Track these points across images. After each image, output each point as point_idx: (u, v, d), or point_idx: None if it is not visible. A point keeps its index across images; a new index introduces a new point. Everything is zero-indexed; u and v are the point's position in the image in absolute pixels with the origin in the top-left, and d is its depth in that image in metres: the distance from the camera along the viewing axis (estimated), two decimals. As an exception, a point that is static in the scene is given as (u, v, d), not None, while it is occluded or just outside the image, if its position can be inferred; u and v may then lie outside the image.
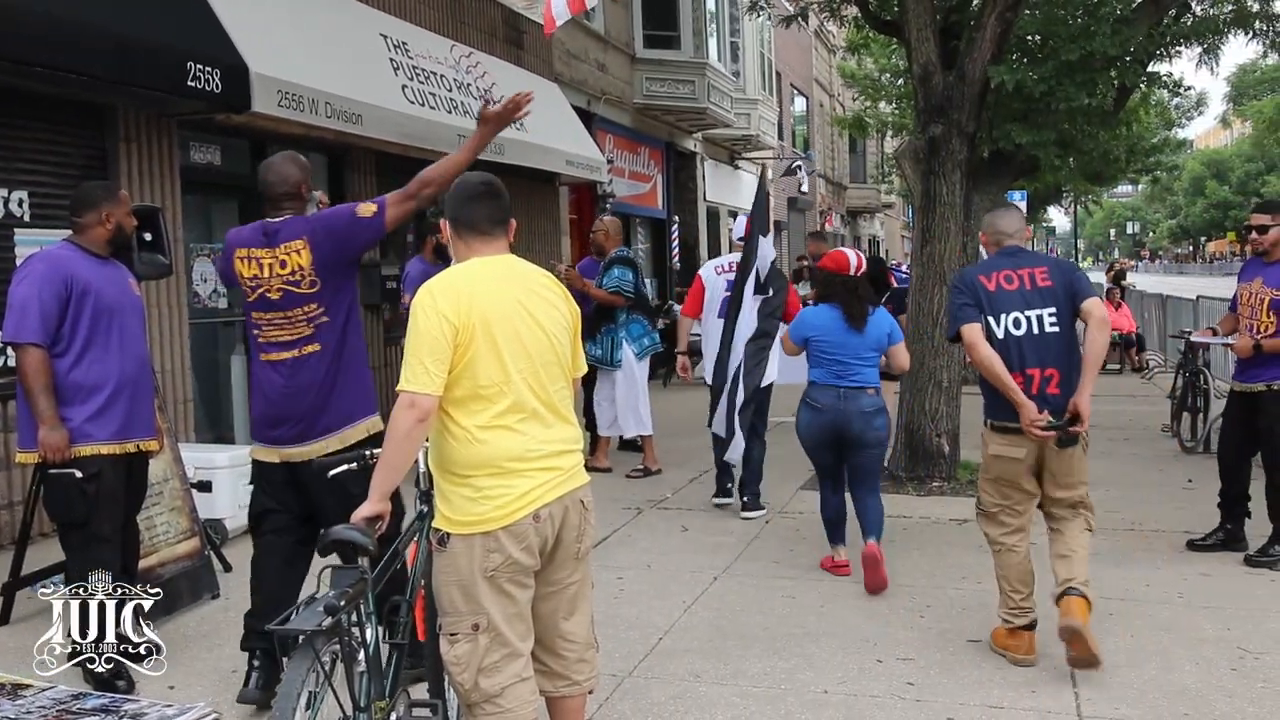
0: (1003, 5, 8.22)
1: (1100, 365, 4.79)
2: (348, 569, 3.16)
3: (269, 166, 4.43)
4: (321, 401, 4.28)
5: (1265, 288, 6.29)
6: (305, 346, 4.27)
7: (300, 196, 4.38)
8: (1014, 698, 4.41)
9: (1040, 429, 4.61)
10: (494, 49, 13.11)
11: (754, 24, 22.39)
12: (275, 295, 4.25)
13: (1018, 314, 4.75)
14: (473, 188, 3.37)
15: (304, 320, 4.25)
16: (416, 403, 3.08)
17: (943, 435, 8.54)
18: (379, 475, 3.16)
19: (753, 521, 7.40)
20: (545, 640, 3.39)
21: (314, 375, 4.27)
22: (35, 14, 6.31)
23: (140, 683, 4.65)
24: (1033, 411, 4.61)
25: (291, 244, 4.22)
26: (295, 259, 4.21)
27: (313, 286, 4.23)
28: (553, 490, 3.22)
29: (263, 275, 4.25)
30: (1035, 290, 4.78)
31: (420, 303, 3.15)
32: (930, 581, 5.99)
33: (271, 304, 4.26)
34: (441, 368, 3.10)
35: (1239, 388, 6.49)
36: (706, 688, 4.55)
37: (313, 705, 2.95)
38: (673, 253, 20.50)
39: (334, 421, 4.31)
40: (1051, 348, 4.73)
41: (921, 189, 8.73)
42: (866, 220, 44.75)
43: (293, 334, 4.27)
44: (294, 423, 4.29)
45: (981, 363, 4.75)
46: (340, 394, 4.31)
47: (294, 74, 8.37)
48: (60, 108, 7.30)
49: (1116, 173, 21.00)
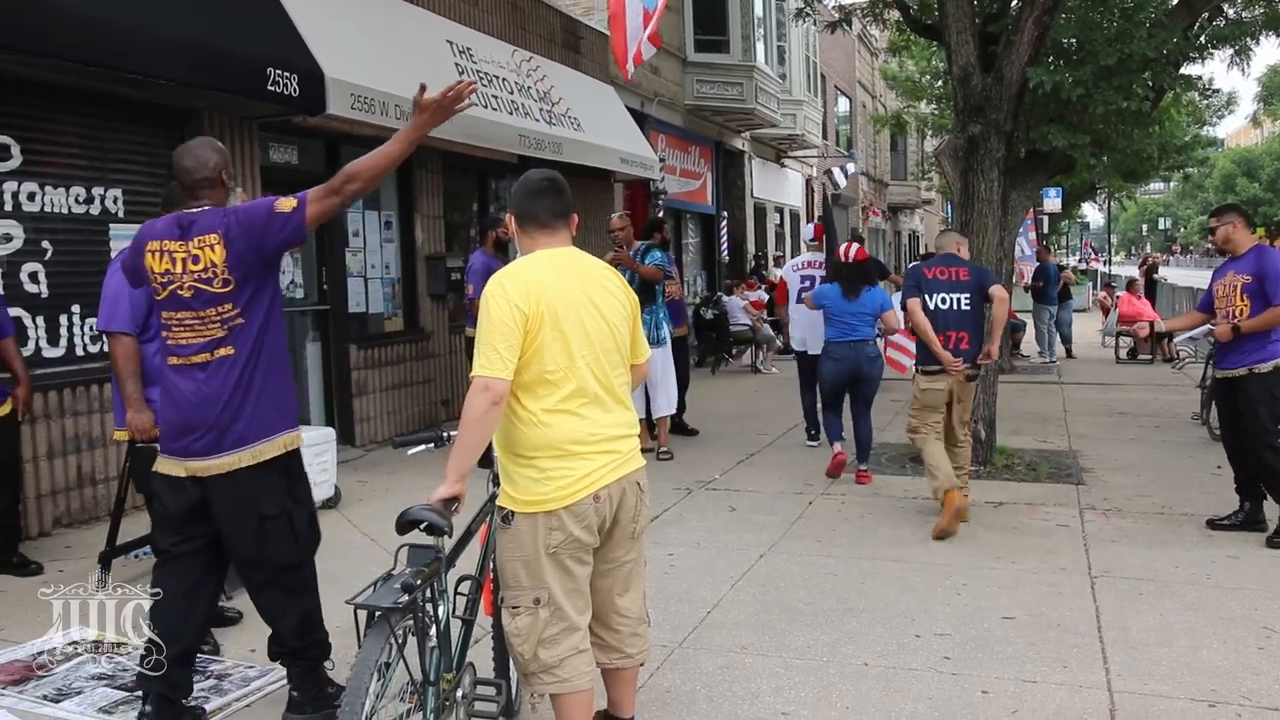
0: (1040, 9, 8.11)
1: (1003, 328, 6.93)
2: (423, 548, 3.17)
3: (185, 150, 3.88)
4: (234, 410, 3.65)
5: (1236, 276, 6.44)
6: (218, 349, 3.66)
7: (221, 184, 3.86)
8: (1046, 672, 4.36)
9: (960, 369, 6.74)
10: (553, 54, 13.13)
11: (800, 29, 22.22)
12: (187, 293, 3.65)
13: (943, 295, 6.84)
14: (535, 183, 3.37)
15: (217, 321, 3.64)
16: (490, 386, 3.08)
17: (979, 421, 8.45)
18: (455, 457, 3.15)
19: (797, 502, 7.38)
20: (601, 615, 3.41)
21: (226, 381, 3.65)
22: (128, 25, 6.41)
23: (225, 645, 4.73)
24: (949, 358, 6.71)
25: (206, 238, 3.63)
26: (208, 254, 3.62)
27: (226, 285, 3.62)
28: (612, 472, 3.23)
29: (174, 271, 3.65)
30: (957, 282, 6.89)
31: (492, 293, 3.15)
32: (967, 561, 5.94)
33: (183, 302, 3.66)
34: (513, 353, 3.10)
35: (1222, 374, 6.55)
36: (752, 659, 4.55)
37: (384, 675, 2.98)
38: (721, 247, 20.45)
39: (249, 433, 3.67)
40: (964, 320, 6.83)
41: (960, 186, 8.64)
42: (907, 215, 44.37)
43: (205, 336, 3.66)
44: (203, 432, 3.65)
45: (918, 325, 6.80)
46: (256, 403, 3.68)
47: (366, 78, 8.43)
48: (151, 111, 7.41)
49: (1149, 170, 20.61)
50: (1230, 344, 6.40)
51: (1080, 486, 7.79)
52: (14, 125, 6.57)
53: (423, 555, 3.15)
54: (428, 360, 10.72)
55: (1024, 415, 10.99)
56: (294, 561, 3.82)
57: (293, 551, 3.81)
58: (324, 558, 6.16)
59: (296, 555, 3.83)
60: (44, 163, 6.77)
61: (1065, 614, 5.04)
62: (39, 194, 6.72)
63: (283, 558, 3.78)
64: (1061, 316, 17.87)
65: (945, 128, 20.24)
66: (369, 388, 9.85)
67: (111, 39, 6.30)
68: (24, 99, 6.61)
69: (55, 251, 6.80)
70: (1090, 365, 16.95)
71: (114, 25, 6.31)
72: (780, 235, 25.97)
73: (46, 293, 6.75)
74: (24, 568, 5.85)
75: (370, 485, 8.08)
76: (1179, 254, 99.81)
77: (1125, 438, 9.90)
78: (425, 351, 10.69)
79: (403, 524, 3.06)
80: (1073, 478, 8.08)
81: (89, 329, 6.97)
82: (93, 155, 7.08)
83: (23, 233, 6.62)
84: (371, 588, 2.99)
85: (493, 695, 3.61)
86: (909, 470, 8.40)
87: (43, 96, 6.70)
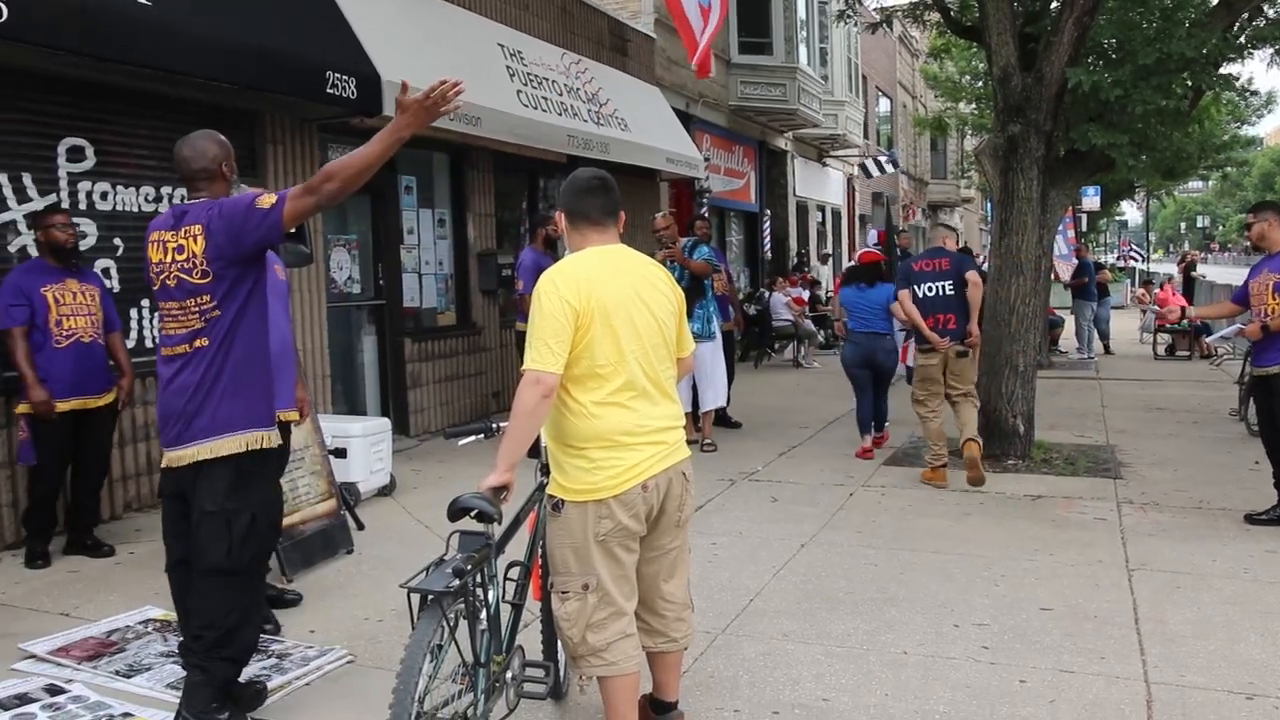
0: (1080, 10, 7.99)
1: (979, 310, 7.80)
2: (474, 534, 3.20)
3: (184, 141, 3.78)
4: (199, 402, 3.59)
5: (1270, 274, 6.36)
6: (196, 340, 3.60)
7: (220, 176, 3.76)
8: (1083, 663, 4.31)
9: (946, 346, 7.53)
10: (601, 56, 13.14)
11: (842, 30, 22.08)
12: (172, 283, 3.61)
13: (929, 284, 7.63)
14: (586, 182, 3.37)
15: (196, 312, 3.59)
16: (541, 380, 3.09)
17: (1018, 416, 8.37)
18: (505, 447, 3.16)
19: (838, 494, 7.35)
20: (647, 600, 3.42)
21: (196, 373, 3.59)
22: (195, 31, 6.50)
23: (285, 625, 4.80)
24: (935, 338, 7.55)
25: (191, 228, 3.58)
26: (191, 245, 3.56)
27: (204, 277, 3.55)
28: (660, 463, 3.24)
29: (165, 260, 3.62)
30: (940, 271, 7.65)
31: (544, 289, 3.17)
32: (1004, 553, 5.88)
33: (169, 292, 3.63)
34: (564, 348, 3.11)
35: (1258, 372, 6.48)
36: (794, 646, 4.54)
37: (436, 658, 3.01)
38: (764, 244, 20.38)
39: (211, 426, 3.59)
40: (949, 304, 7.59)
41: (1000, 185, 8.54)
42: (947, 214, 43.90)
43: (186, 326, 3.61)
44: (174, 421, 3.63)
45: (908, 313, 7.67)
46: (222, 398, 3.60)
47: (421, 80, 8.33)
48: (214, 113, 7.50)
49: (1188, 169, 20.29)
50: (1264, 342, 6.31)
51: (1118, 481, 7.68)
52: (88, 128, 6.69)
53: (473, 541, 3.18)
54: (479, 354, 10.78)
55: (1062, 410, 10.86)
56: (220, 565, 3.61)
57: (221, 554, 3.60)
58: (380, 543, 6.28)
59: (225, 559, 3.61)
60: (115, 163, 6.88)
61: (1103, 606, 4.98)
62: (111, 193, 6.84)
63: (209, 557, 3.61)
64: (1099, 313, 17.64)
65: (985, 127, 20.03)
66: (423, 380, 9.93)
67: (180, 45, 6.39)
68: (98, 103, 6.72)
69: (126, 248, 6.92)
70: (1128, 361, 16.71)
71: (182, 31, 6.40)
72: (822, 233, 25.83)
73: (118, 287, 6.86)
74: (97, 549, 6.00)
75: (424, 474, 8.15)
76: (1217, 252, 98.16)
77: (1163, 433, 9.76)
78: (477, 345, 10.75)
79: (454, 511, 3.09)
80: (1110, 472, 7.98)
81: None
82: (161, 156, 7.18)
83: (96, 230, 6.75)
84: (424, 572, 3.02)
85: (541, 677, 3.63)
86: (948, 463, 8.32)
87: (115, 100, 6.81)
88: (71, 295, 5.81)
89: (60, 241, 5.77)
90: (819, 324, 18.08)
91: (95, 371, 5.92)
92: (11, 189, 6.23)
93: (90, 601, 5.10)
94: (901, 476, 7.91)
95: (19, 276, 5.72)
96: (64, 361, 5.74)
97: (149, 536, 6.31)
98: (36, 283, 5.69)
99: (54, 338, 5.70)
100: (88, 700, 3.97)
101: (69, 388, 5.76)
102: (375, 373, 9.68)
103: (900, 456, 8.67)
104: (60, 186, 6.52)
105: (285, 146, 8.16)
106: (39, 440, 5.73)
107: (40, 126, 6.42)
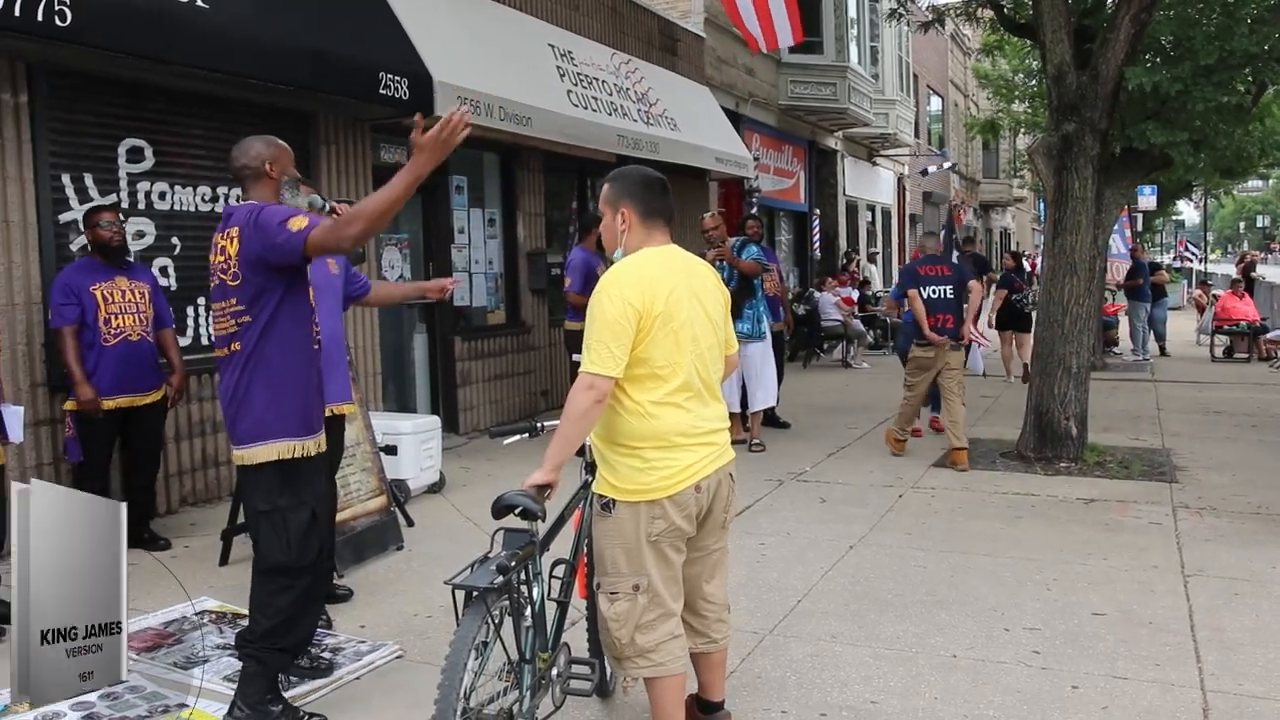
0: (1138, 7, 7.85)
1: (976, 312, 9.51)
2: (518, 532, 3.21)
3: (237, 144, 3.79)
4: (235, 407, 3.62)
5: None
6: (231, 344, 3.62)
7: (265, 175, 3.72)
8: (1138, 670, 4.24)
9: (944, 343, 8.37)
10: (650, 56, 13.14)
11: (893, 29, 21.90)
12: (213, 283, 3.66)
13: (933, 287, 8.50)
14: (656, 181, 3.38)
15: (228, 315, 3.61)
16: (596, 385, 3.08)
17: (1071, 418, 8.25)
18: (554, 448, 3.16)
19: (887, 495, 7.28)
20: (689, 601, 3.41)
21: (230, 378, 3.63)
22: (251, 34, 6.60)
23: (337, 620, 4.84)
24: (934, 336, 8.38)
25: (231, 230, 3.59)
26: (229, 247, 3.58)
27: (235, 280, 3.56)
28: (711, 464, 3.24)
29: (213, 261, 3.66)
30: (942, 277, 8.57)
31: (607, 291, 3.15)
32: (1057, 556, 5.79)
33: (213, 293, 3.68)
34: (624, 351, 3.10)
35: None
36: (842, 648, 4.50)
37: (481, 654, 3.01)
38: (814, 244, 20.27)
39: (246, 432, 3.62)
40: (949, 306, 8.49)
41: (1054, 184, 8.41)
42: (999, 213, 43.43)
43: (222, 329, 3.65)
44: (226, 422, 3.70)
45: (915, 311, 8.47)
46: (249, 405, 3.60)
47: (472, 81, 8.54)
48: (270, 114, 7.60)
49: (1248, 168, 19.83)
50: None
51: (1174, 485, 7.54)
52: (147, 129, 6.80)
53: (517, 539, 3.19)
54: (528, 352, 10.82)
55: (1116, 413, 10.69)
56: (280, 562, 3.65)
57: (281, 551, 3.65)
58: (429, 539, 6.31)
59: (285, 556, 3.65)
60: (173, 163, 6.99)
61: (1157, 612, 4.89)
62: (169, 193, 6.95)
63: (271, 556, 3.66)
64: (1155, 314, 17.34)
65: (1038, 126, 19.76)
66: (472, 378, 9.98)
67: (238, 47, 6.49)
68: (156, 104, 6.83)
69: (183, 247, 7.03)
70: (1185, 363, 16.41)
71: (238, 34, 6.50)
72: (871, 233, 25.65)
73: (175, 286, 6.98)
74: (154, 543, 6.09)
75: (473, 471, 8.19)
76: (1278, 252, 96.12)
77: (1220, 436, 9.56)
78: (526, 344, 10.80)
79: (498, 509, 3.10)
80: (1166, 476, 7.83)
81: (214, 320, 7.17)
82: (217, 156, 7.28)
83: (154, 229, 6.86)
84: (469, 569, 3.03)
85: (587, 674, 3.63)
86: (999, 465, 8.23)
87: (172, 101, 6.92)
88: (120, 293, 5.87)
89: (106, 240, 5.83)
90: (868, 324, 17.95)
91: (143, 369, 5.99)
92: (73, 189, 6.35)
93: (148, 594, 5.18)
94: (951, 479, 7.83)
95: (69, 275, 5.79)
96: (112, 359, 5.81)
97: (204, 530, 6.41)
98: (86, 281, 5.76)
99: (102, 336, 5.77)
100: (145, 690, 4.03)
101: (117, 385, 5.83)
102: (425, 371, 9.76)
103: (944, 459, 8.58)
104: (120, 186, 6.64)
105: (338, 147, 8.25)
106: (85, 437, 5.82)
107: (102, 128, 6.54)
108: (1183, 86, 8.09)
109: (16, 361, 5.94)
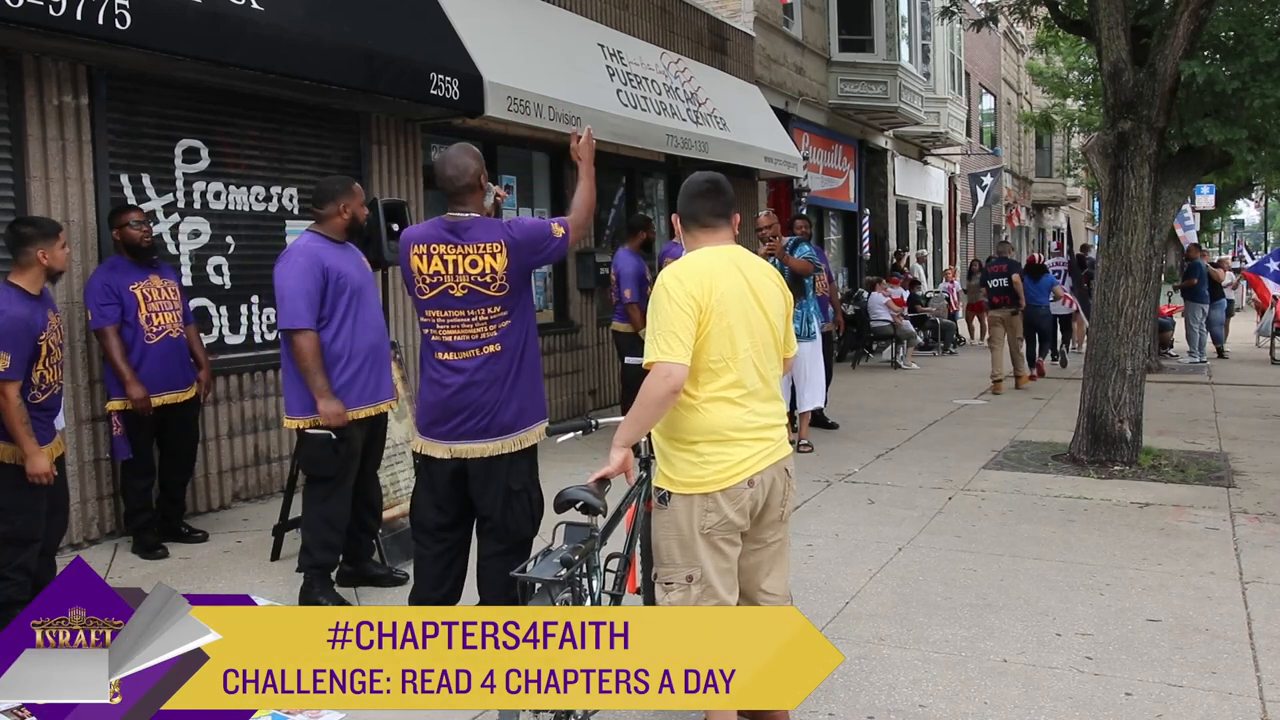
0: (1196, 3, 7.71)
1: (1020, 298, 12.92)
2: (579, 525, 3.28)
3: (446, 159, 4.10)
4: (501, 401, 4.01)
5: None
6: (486, 346, 3.99)
7: (479, 187, 4.07)
8: (1193, 677, 4.16)
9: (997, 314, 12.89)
10: (699, 55, 13.13)
11: (944, 27, 21.70)
12: (459, 293, 3.96)
13: (997, 280, 13.01)
14: (698, 186, 3.40)
15: (485, 321, 3.97)
16: (673, 373, 3.10)
17: (1125, 421, 8.13)
18: (625, 428, 3.19)
19: (936, 497, 7.22)
20: (747, 594, 3.42)
21: (493, 374, 4.00)
22: (305, 35, 6.68)
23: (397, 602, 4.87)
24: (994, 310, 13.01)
25: (487, 245, 3.94)
26: (489, 261, 3.93)
27: (501, 290, 3.95)
28: (766, 459, 3.24)
29: (445, 272, 3.96)
30: (1001, 273, 12.99)
31: (669, 285, 3.18)
32: (1110, 561, 5.71)
33: (453, 301, 3.98)
34: (691, 340, 3.13)
35: None
36: (890, 650, 4.47)
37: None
38: (863, 243, 20.14)
39: (511, 422, 4.05)
40: (1004, 291, 12.89)
41: (1109, 183, 8.28)
42: (1052, 213, 42.84)
43: (470, 334, 3.99)
44: (468, 417, 4.02)
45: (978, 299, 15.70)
46: (519, 396, 4.04)
47: (522, 81, 8.58)
48: (322, 115, 7.70)
49: (1310, 165, 19.44)
50: None
51: (1231, 490, 7.40)
52: (203, 130, 6.90)
53: (578, 533, 3.27)
54: (577, 351, 10.86)
55: (1172, 415, 10.52)
56: (529, 535, 4.15)
57: (529, 525, 4.15)
58: (477, 537, 6.30)
59: (531, 527, 4.17)
60: (228, 164, 7.09)
61: (1214, 619, 4.80)
62: (224, 193, 7.05)
63: (521, 530, 4.13)
64: (1213, 315, 17.03)
65: (1093, 124, 19.49)
66: (520, 377, 10.01)
67: (293, 49, 6.57)
68: (212, 105, 6.93)
69: (237, 246, 7.13)
70: (1243, 366, 16.11)
71: (293, 35, 6.58)
72: (922, 233, 25.43)
73: (229, 284, 7.08)
74: (191, 536, 6.21)
75: (521, 470, 8.21)
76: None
77: (1275, 439, 9.37)
78: (574, 343, 10.83)
79: (560, 503, 3.17)
80: (1223, 480, 7.69)
81: (267, 318, 7.28)
82: (271, 156, 7.40)
83: (209, 229, 6.96)
84: (532, 561, 3.12)
85: None
86: (1050, 468, 8.13)
87: (227, 102, 7.02)
88: (157, 291, 5.93)
89: (135, 239, 5.87)
90: (918, 324, 17.80)
91: (183, 365, 6.07)
92: (131, 189, 6.47)
93: (200, 588, 5.26)
94: (1001, 481, 7.74)
95: (106, 275, 5.82)
96: (156, 357, 5.87)
97: (256, 526, 6.50)
98: (124, 281, 5.80)
99: (145, 334, 5.82)
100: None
101: (161, 382, 5.89)
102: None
103: (1001, 461, 8.49)
104: (176, 187, 6.74)
105: (389, 146, 8.32)
106: (132, 436, 5.87)
107: (159, 129, 6.65)
108: (1240, 83, 7.93)
109: (75, 358, 6.05)
